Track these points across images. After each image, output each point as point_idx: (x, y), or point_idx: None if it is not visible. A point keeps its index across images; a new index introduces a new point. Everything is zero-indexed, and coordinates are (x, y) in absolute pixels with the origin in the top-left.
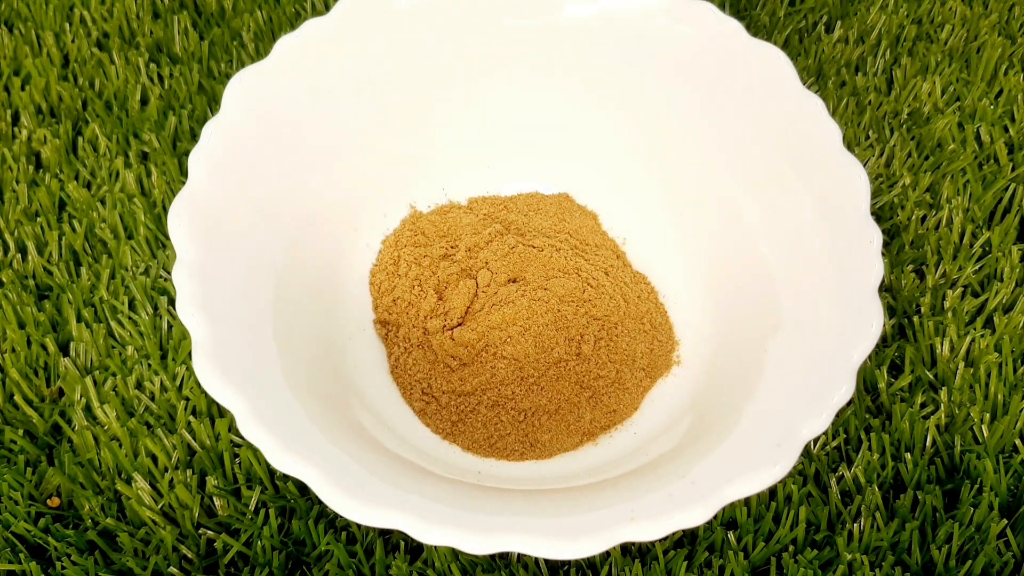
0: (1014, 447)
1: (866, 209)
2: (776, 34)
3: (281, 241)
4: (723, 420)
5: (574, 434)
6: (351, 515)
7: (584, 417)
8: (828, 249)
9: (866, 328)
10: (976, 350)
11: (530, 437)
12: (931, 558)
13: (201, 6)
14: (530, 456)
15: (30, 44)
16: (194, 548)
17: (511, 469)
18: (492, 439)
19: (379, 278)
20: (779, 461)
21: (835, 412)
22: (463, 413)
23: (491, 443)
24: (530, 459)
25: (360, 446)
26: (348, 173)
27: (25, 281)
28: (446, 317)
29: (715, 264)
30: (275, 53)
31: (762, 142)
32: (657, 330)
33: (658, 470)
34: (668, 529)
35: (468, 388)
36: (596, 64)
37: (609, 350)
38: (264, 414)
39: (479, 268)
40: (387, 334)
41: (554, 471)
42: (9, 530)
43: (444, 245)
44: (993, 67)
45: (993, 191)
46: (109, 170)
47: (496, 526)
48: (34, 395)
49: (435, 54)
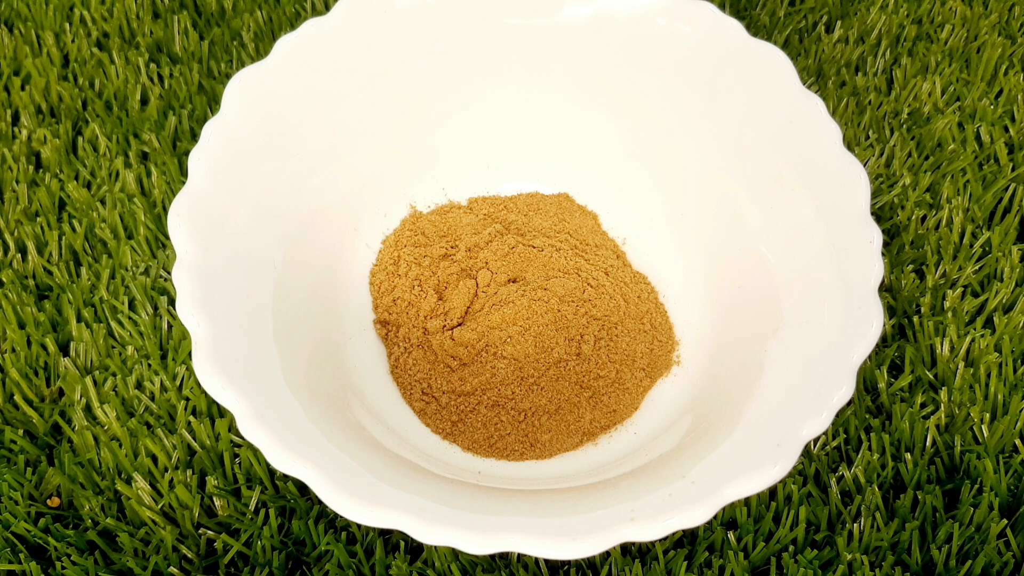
0: (1014, 447)
1: (866, 209)
2: (776, 34)
3: (281, 241)
4: (723, 420)
5: (574, 434)
6: (351, 515)
7: (584, 417)
8: (828, 249)
9: (866, 328)
10: (976, 350)
11: (530, 437)
12: (931, 558)
13: (201, 6)
14: (530, 456)
15: (30, 44)
16: (194, 548)
17: (511, 469)
18: (492, 439)
19: (379, 278)
20: (779, 461)
21: (835, 412)
22: (463, 413)
23: (491, 443)
24: (530, 459)
25: (360, 446)
26: (348, 173)
27: (25, 281)
28: (446, 317)
29: (715, 264)
30: (275, 53)
31: (762, 142)
32: (657, 330)
33: (658, 470)
34: (668, 529)
35: (468, 388)
36: (596, 64)
37: (609, 350)
38: (264, 414)
39: (479, 268)
40: (387, 334)
41: (554, 471)
42: (9, 530)
43: (444, 245)
44: (993, 67)
45: (993, 191)
46: (109, 170)
47: (496, 526)
48: (34, 395)
49: (435, 54)
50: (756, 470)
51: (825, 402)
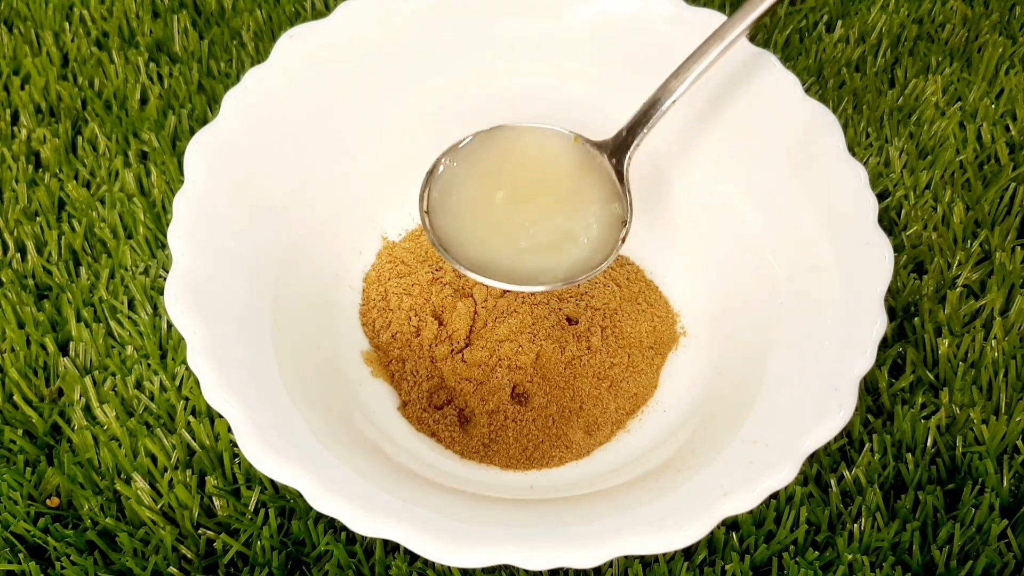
0: (1015, 447)
1: (874, 218)
2: (776, 34)
3: (267, 302)
4: (758, 380)
5: (604, 426)
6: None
7: (609, 407)
8: (834, 255)
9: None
10: (976, 351)
11: (563, 440)
12: (932, 559)
13: (201, 6)
14: (568, 459)
15: (30, 43)
16: (194, 548)
17: (557, 476)
18: (527, 451)
19: (371, 316)
20: (843, 405)
21: (876, 346)
22: (493, 432)
23: (528, 455)
24: (570, 461)
25: (395, 479)
26: (315, 221)
27: (24, 281)
28: (451, 341)
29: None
30: (224, 109)
31: (765, 149)
32: (654, 307)
33: (720, 439)
34: (762, 496)
35: (491, 407)
36: (598, 68)
37: (616, 337)
38: (263, 425)
39: (472, 285)
40: (393, 375)
41: (600, 468)
42: (8, 530)
43: (429, 269)
44: (994, 67)
45: (993, 191)
46: (108, 170)
47: (609, 529)
48: (34, 395)
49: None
50: (824, 418)
51: (865, 338)
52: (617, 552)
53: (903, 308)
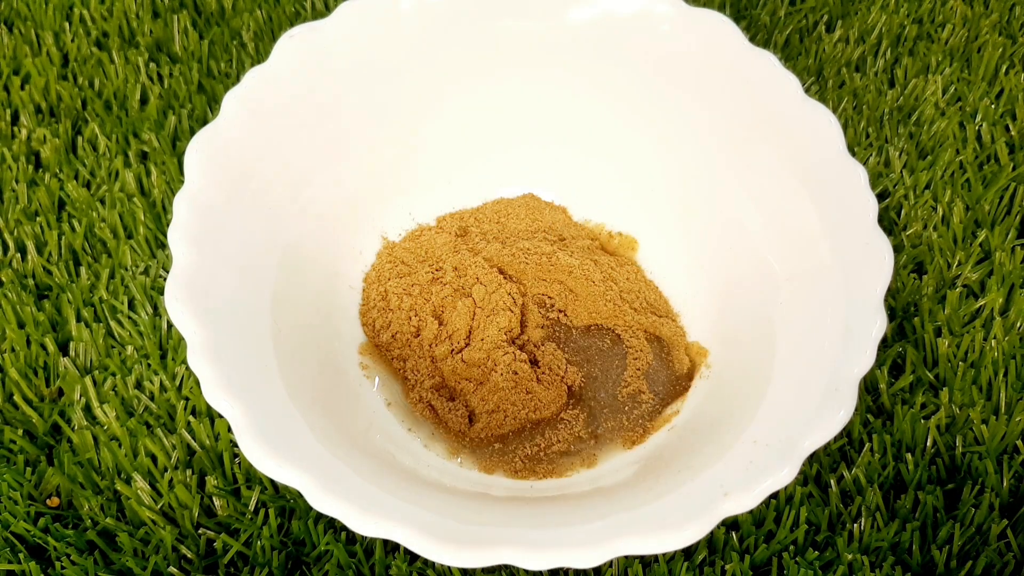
0: (1015, 448)
1: (874, 218)
2: (777, 34)
3: (267, 302)
4: (760, 381)
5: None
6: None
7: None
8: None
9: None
10: (976, 351)
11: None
12: (932, 559)
13: (201, 5)
14: (581, 465)
15: (30, 43)
16: (194, 548)
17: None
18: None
19: (371, 316)
20: (842, 405)
21: (876, 346)
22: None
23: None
24: (581, 469)
25: (395, 479)
26: (318, 220)
27: (25, 281)
28: (451, 340)
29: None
30: (225, 108)
31: (765, 148)
32: (654, 307)
33: (721, 441)
34: (762, 496)
35: (491, 407)
36: (598, 69)
37: (623, 327)
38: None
39: (471, 284)
40: (397, 371)
41: (598, 469)
42: (9, 530)
43: (429, 269)
44: (994, 67)
45: (993, 191)
46: (109, 170)
47: (606, 531)
48: (34, 395)
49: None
50: (823, 418)
51: (865, 338)
52: (617, 552)
53: (903, 308)
